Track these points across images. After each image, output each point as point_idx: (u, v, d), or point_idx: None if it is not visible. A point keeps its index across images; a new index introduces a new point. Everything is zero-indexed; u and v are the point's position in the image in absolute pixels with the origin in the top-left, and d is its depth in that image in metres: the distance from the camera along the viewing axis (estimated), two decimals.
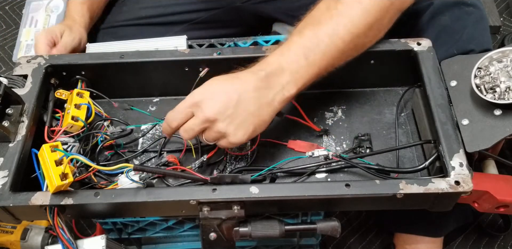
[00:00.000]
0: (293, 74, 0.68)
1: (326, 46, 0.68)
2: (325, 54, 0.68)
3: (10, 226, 1.04)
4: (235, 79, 0.67)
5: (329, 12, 0.70)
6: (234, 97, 0.65)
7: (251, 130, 0.67)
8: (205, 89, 0.66)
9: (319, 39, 0.68)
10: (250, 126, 0.66)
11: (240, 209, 0.65)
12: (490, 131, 0.67)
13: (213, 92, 0.66)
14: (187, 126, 0.67)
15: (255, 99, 0.66)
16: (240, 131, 0.66)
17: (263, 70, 0.67)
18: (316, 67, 0.68)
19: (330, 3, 0.71)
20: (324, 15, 0.70)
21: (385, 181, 0.65)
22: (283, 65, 0.68)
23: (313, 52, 0.68)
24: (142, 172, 0.68)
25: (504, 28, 1.56)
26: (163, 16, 1.04)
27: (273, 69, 0.67)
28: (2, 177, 0.67)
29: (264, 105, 0.67)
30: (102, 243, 0.68)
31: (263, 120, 0.67)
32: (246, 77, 0.67)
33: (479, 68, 0.69)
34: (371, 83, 0.86)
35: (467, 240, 1.18)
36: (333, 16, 0.69)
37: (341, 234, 1.18)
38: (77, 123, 0.75)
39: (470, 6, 0.83)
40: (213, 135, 0.67)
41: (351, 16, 0.69)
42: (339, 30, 0.69)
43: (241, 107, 0.65)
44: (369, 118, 0.83)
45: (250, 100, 0.66)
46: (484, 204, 0.71)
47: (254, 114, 0.66)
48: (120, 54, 0.79)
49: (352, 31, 0.69)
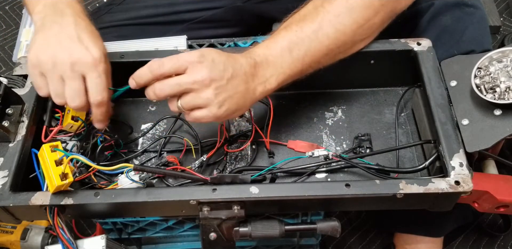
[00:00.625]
0: (277, 68, 0.68)
1: (311, 42, 0.69)
2: (310, 49, 0.69)
3: (10, 226, 1.04)
4: (230, 56, 0.66)
5: (316, 10, 0.71)
6: (229, 71, 0.64)
7: (233, 108, 0.65)
8: (204, 53, 0.64)
9: (304, 34, 0.69)
10: (234, 105, 0.65)
11: (240, 209, 0.65)
12: (490, 131, 0.67)
13: (213, 59, 0.64)
14: (174, 80, 0.64)
15: (244, 81, 0.66)
16: (224, 105, 0.64)
17: (253, 58, 0.68)
18: (299, 63, 0.69)
19: (317, 2, 0.72)
20: (311, 12, 0.71)
21: (385, 181, 0.65)
22: (268, 58, 0.68)
23: (297, 47, 0.69)
24: (142, 172, 0.68)
25: (504, 28, 1.56)
26: (163, 16, 1.03)
27: (260, 60, 0.68)
28: (2, 177, 0.67)
29: (250, 90, 0.66)
30: (102, 243, 0.67)
31: (244, 104, 0.67)
32: (240, 59, 0.67)
33: (479, 68, 0.69)
34: (371, 83, 0.86)
35: (467, 240, 1.18)
36: (319, 13, 0.70)
37: (341, 234, 1.18)
38: (77, 123, 0.75)
39: (471, 7, 0.83)
40: (195, 101, 0.64)
41: (336, 13, 0.70)
42: (324, 26, 0.69)
43: (232, 83, 0.64)
44: (369, 118, 0.83)
45: (240, 80, 0.65)
46: (484, 204, 0.71)
47: (241, 94, 0.65)
48: (120, 54, 0.79)
49: (337, 27, 0.69)
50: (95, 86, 0.67)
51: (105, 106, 0.69)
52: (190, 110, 0.65)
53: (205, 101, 0.64)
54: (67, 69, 0.66)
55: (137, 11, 1.04)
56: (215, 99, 0.63)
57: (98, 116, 0.70)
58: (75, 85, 0.66)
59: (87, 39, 0.68)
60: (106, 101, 0.68)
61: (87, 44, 0.67)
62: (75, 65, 0.66)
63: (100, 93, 0.67)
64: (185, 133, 0.82)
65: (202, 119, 0.65)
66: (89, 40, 0.68)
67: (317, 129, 0.83)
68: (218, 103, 0.64)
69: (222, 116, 0.65)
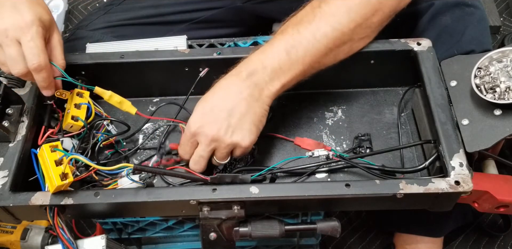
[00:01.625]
0: (276, 70, 0.69)
1: (309, 43, 0.69)
2: (309, 50, 0.69)
3: (10, 226, 1.03)
4: (217, 92, 0.69)
5: (313, 11, 0.71)
6: (224, 109, 0.67)
7: (254, 129, 0.69)
8: (197, 116, 0.69)
9: (301, 36, 0.69)
10: (251, 126, 0.69)
11: (240, 209, 0.65)
12: (490, 131, 0.67)
13: (203, 115, 0.68)
14: (196, 156, 0.70)
15: (244, 101, 0.68)
16: (245, 135, 0.68)
17: (243, 71, 0.69)
18: (300, 64, 0.69)
19: (314, 3, 0.72)
20: (307, 14, 0.71)
21: (385, 181, 0.65)
22: (264, 62, 0.69)
23: (295, 48, 0.69)
24: (142, 172, 0.68)
25: (504, 28, 1.56)
26: (163, 16, 1.03)
27: (253, 68, 0.69)
28: (2, 177, 0.67)
29: (254, 102, 0.68)
30: (102, 243, 0.67)
31: (259, 116, 0.69)
32: (229, 82, 0.69)
33: (479, 68, 0.69)
34: (371, 83, 0.86)
35: (467, 240, 1.18)
36: (316, 14, 0.70)
37: (341, 234, 1.18)
38: (77, 123, 0.74)
39: (471, 7, 0.83)
40: (224, 151, 0.69)
41: (333, 13, 0.70)
42: (322, 26, 0.69)
43: (234, 114, 0.68)
44: (369, 118, 0.83)
45: (240, 104, 0.68)
46: (484, 204, 0.71)
47: (249, 113, 0.68)
48: (120, 54, 0.79)
49: (335, 27, 0.70)
50: (29, 50, 0.66)
51: (45, 70, 0.68)
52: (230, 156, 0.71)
53: (231, 146, 0.69)
54: (2, 36, 0.66)
55: (137, 11, 1.04)
56: (234, 139, 0.68)
57: (40, 82, 0.69)
58: (11, 51, 0.66)
59: (21, 5, 0.68)
60: (43, 65, 0.67)
61: (20, 10, 0.67)
62: (8, 31, 0.66)
63: (35, 57, 0.66)
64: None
65: (245, 153, 0.71)
66: (24, 6, 0.68)
67: (317, 129, 0.83)
68: (239, 139, 0.68)
69: (253, 138, 0.69)
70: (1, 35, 0.66)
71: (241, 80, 0.69)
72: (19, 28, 0.66)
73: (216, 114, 0.68)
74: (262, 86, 0.69)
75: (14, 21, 0.66)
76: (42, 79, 0.69)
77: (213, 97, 0.69)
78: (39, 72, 0.68)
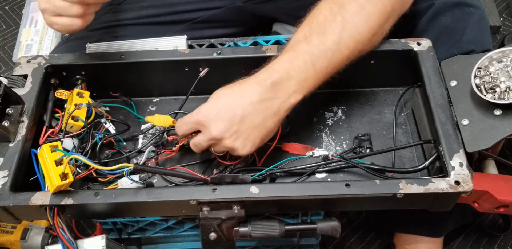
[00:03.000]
0: (301, 82, 0.68)
1: (333, 54, 0.69)
2: (332, 61, 0.69)
3: (10, 226, 1.03)
4: (240, 92, 0.67)
5: (334, 19, 0.70)
6: (238, 113, 0.66)
7: (257, 141, 0.68)
8: (210, 108, 0.67)
9: (326, 47, 0.68)
10: (256, 139, 0.68)
11: (240, 209, 0.65)
12: (490, 131, 0.67)
13: (218, 110, 0.66)
14: (195, 141, 0.70)
15: (260, 112, 0.67)
16: (247, 145, 0.68)
17: (268, 79, 0.67)
18: (322, 75, 0.69)
19: (333, 8, 0.71)
20: (330, 22, 0.70)
21: (385, 181, 0.65)
22: (290, 73, 0.67)
23: (320, 60, 0.68)
24: (142, 172, 0.68)
25: (504, 28, 1.56)
26: (163, 16, 1.03)
27: (279, 77, 0.67)
28: (2, 177, 0.67)
29: (270, 116, 0.67)
30: (102, 243, 0.67)
31: (269, 130, 0.69)
32: (251, 89, 0.67)
33: (479, 68, 0.69)
34: (371, 83, 0.86)
35: (467, 240, 1.18)
36: (338, 23, 0.69)
37: (341, 234, 1.18)
38: (77, 123, 0.75)
39: (471, 7, 0.83)
40: (221, 149, 0.69)
41: (355, 23, 0.70)
42: (345, 38, 0.69)
43: (246, 123, 0.66)
44: (369, 118, 0.83)
45: (255, 114, 0.66)
46: (484, 204, 0.71)
47: (260, 126, 0.67)
48: (120, 54, 0.79)
49: (357, 38, 0.70)
50: None
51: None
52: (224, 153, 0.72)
53: (228, 148, 0.68)
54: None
55: (137, 11, 1.04)
56: (234, 145, 0.67)
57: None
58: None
59: None
60: None
61: None
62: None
63: None
64: None
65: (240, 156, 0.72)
66: None
67: (317, 129, 0.83)
68: (239, 146, 0.67)
69: (252, 150, 0.69)
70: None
71: (264, 89, 0.67)
72: None
73: (228, 116, 0.66)
74: (284, 99, 0.67)
75: None
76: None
77: (232, 97, 0.67)
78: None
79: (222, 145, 0.68)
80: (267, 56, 0.77)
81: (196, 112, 0.68)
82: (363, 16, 0.70)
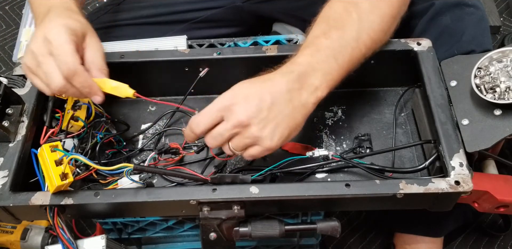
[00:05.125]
0: (325, 75, 0.66)
1: (353, 50, 0.68)
2: (352, 57, 0.68)
3: (10, 226, 1.03)
4: (266, 81, 0.64)
5: (350, 16, 0.69)
6: (267, 99, 0.62)
7: (286, 133, 0.63)
8: (236, 92, 0.63)
9: (346, 42, 0.68)
10: (285, 130, 0.63)
11: (240, 209, 0.65)
12: (490, 131, 0.67)
13: (246, 94, 0.62)
14: (215, 132, 0.63)
15: (289, 101, 0.63)
16: (275, 135, 0.62)
17: (294, 71, 0.65)
18: (344, 70, 0.68)
19: (347, 6, 0.70)
20: (346, 19, 0.70)
21: (385, 181, 0.65)
22: (314, 65, 0.66)
23: (341, 54, 0.67)
24: (142, 172, 0.68)
25: (504, 28, 1.56)
26: (163, 16, 1.04)
27: (304, 70, 0.65)
28: (2, 177, 0.67)
29: (299, 107, 0.64)
30: (102, 243, 0.68)
31: (297, 123, 0.64)
32: (277, 79, 0.64)
33: (479, 68, 0.69)
34: (371, 83, 0.86)
35: (467, 240, 1.18)
36: (355, 20, 0.69)
37: (341, 234, 1.18)
38: (77, 123, 0.75)
39: (471, 7, 0.83)
40: (244, 141, 0.63)
41: (371, 22, 0.70)
42: (363, 35, 0.69)
43: (275, 110, 0.62)
44: (369, 118, 0.83)
45: (284, 103, 0.63)
46: (484, 204, 0.71)
47: (289, 117, 0.63)
48: (120, 54, 0.79)
49: (372, 37, 0.70)
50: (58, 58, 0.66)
51: (78, 75, 0.66)
52: (244, 150, 0.64)
53: (253, 139, 0.62)
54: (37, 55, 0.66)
55: (137, 11, 1.04)
56: (262, 134, 0.62)
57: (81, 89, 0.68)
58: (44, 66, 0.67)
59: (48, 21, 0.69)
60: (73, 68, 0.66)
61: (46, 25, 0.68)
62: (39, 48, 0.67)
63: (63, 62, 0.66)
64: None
65: (260, 155, 0.64)
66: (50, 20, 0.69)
67: (317, 129, 0.83)
68: (268, 136, 0.62)
69: (279, 143, 0.63)
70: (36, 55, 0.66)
71: (291, 79, 0.64)
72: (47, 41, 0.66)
73: (257, 101, 0.61)
74: (311, 91, 0.64)
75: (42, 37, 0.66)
76: (80, 85, 0.67)
77: (259, 85, 0.63)
78: (73, 77, 0.66)
79: (247, 134, 0.62)
80: (267, 56, 0.77)
81: (220, 99, 0.63)
82: (376, 15, 0.70)
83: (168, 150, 0.77)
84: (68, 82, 0.66)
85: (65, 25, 0.68)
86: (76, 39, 0.68)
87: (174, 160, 0.78)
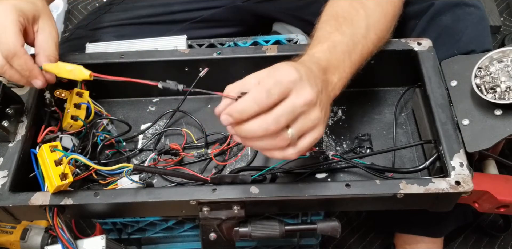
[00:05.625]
0: (341, 73, 0.65)
1: (363, 47, 0.68)
2: (362, 54, 0.68)
3: (9, 226, 1.03)
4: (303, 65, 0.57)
5: (358, 13, 0.70)
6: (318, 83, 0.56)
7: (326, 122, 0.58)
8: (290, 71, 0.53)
9: (358, 39, 0.68)
10: (326, 119, 0.58)
11: (240, 209, 0.65)
12: (490, 131, 0.67)
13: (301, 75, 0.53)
14: (280, 111, 0.51)
15: (325, 89, 0.58)
16: (325, 122, 0.56)
17: (320, 64, 0.61)
18: (355, 68, 0.67)
19: (354, 4, 0.70)
20: (355, 16, 0.69)
21: (385, 181, 0.65)
22: (333, 62, 0.64)
23: (354, 51, 0.67)
24: (142, 172, 0.68)
25: (504, 28, 1.56)
26: (163, 15, 1.04)
27: (325, 65, 0.63)
28: (2, 177, 0.67)
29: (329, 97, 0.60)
30: (102, 243, 0.67)
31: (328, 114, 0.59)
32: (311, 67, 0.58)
33: (480, 68, 0.69)
34: (371, 83, 0.85)
35: (467, 240, 1.18)
36: (363, 18, 0.69)
37: (341, 234, 1.18)
38: (76, 123, 0.75)
39: (471, 7, 0.83)
40: (308, 124, 0.53)
41: (377, 19, 0.70)
42: (371, 32, 0.69)
43: (324, 94, 0.57)
44: (369, 118, 0.83)
45: (324, 89, 0.58)
46: (484, 204, 0.71)
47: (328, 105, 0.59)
48: (120, 54, 0.79)
49: (378, 34, 0.70)
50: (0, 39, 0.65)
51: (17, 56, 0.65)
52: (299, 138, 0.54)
53: (314, 122, 0.54)
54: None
55: (137, 11, 1.04)
56: (323, 117, 0.55)
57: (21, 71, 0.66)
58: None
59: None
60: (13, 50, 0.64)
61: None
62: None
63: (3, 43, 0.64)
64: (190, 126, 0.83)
65: (310, 145, 0.55)
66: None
67: None
68: (325, 121, 0.56)
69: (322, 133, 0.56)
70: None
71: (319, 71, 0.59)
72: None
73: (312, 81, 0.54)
74: (332, 87, 0.62)
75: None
76: (20, 68, 0.65)
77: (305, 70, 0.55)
78: (12, 59, 0.64)
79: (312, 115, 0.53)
80: (267, 56, 0.77)
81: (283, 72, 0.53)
82: (381, 14, 0.71)
83: (168, 150, 0.77)
84: (7, 63, 0.65)
85: (15, 6, 0.66)
86: (24, 21, 0.67)
87: (174, 161, 0.78)
